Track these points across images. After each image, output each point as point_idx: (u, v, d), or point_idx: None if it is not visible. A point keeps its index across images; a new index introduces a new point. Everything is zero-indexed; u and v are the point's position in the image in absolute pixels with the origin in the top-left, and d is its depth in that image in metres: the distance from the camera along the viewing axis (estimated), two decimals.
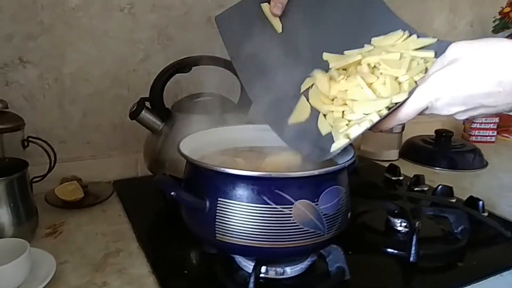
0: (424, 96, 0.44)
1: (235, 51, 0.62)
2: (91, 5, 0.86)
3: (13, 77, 0.82)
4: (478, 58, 0.41)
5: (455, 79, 0.42)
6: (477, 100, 0.42)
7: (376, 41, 0.59)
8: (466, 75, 0.41)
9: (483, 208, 0.76)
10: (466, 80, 0.41)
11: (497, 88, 0.40)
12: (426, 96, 0.44)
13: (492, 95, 0.41)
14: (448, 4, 1.33)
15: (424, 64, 0.52)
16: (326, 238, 0.51)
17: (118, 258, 0.62)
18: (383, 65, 0.53)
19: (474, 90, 0.41)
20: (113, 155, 0.94)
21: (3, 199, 0.62)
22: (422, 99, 0.45)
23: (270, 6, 0.62)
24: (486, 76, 0.40)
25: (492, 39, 0.42)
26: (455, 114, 0.45)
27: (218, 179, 0.50)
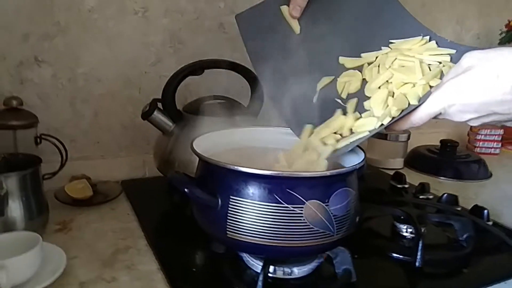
0: (438, 103, 0.46)
1: (253, 48, 0.64)
2: (106, 8, 0.88)
3: (28, 75, 0.84)
4: (492, 66, 0.42)
5: (468, 87, 0.43)
6: (490, 107, 0.43)
7: (394, 44, 0.60)
8: (480, 83, 0.42)
9: (487, 217, 0.76)
10: (480, 88, 0.42)
11: (510, 96, 0.41)
12: (440, 102, 0.46)
13: (505, 102, 0.42)
14: (455, 16, 1.35)
15: (439, 69, 0.53)
16: (335, 239, 0.52)
17: (127, 255, 0.63)
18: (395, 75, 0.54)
19: (487, 98, 0.42)
20: (121, 155, 0.95)
21: (15, 194, 0.63)
22: (436, 105, 0.46)
23: (289, 9, 0.64)
24: (499, 84, 0.41)
25: (506, 48, 0.43)
26: (468, 121, 0.46)
27: (231, 177, 0.51)
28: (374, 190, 0.91)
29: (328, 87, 0.62)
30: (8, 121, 0.74)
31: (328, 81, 0.62)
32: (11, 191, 0.62)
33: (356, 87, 0.60)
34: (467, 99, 0.43)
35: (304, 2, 0.63)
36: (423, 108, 0.47)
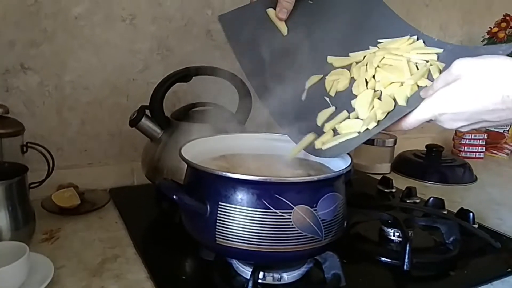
0: (429, 110, 0.47)
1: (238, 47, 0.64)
2: (93, 15, 0.87)
3: (14, 83, 0.83)
4: (482, 75, 0.42)
5: (459, 97, 0.44)
6: (480, 116, 0.44)
7: (382, 44, 0.61)
8: (471, 92, 0.43)
9: (473, 219, 0.78)
10: (471, 98, 0.43)
11: (501, 106, 0.42)
12: (431, 110, 0.47)
13: (495, 111, 0.43)
14: (438, 23, 1.38)
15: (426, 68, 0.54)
16: (323, 244, 0.53)
17: (115, 264, 0.63)
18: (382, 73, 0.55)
19: (478, 107, 0.43)
20: (109, 163, 0.95)
21: (1, 203, 0.62)
22: (427, 112, 0.47)
23: (276, 11, 0.64)
24: (490, 93, 0.42)
25: (495, 57, 0.43)
26: (458, 128, 0.47)
27: (219, 183, 0.51)
28: (361, 195, 0.92)
29: (316, 86, 0.63)
30: None
31: (316, 80, 0.63)
32: None
33: (345, 85, 0.60)
34: (459, 108, 0.44)
35: (291, 5, 0.64)
36: (414, 114, 0.48)
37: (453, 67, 0.45)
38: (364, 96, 0.56)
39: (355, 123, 0.54)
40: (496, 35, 1.32)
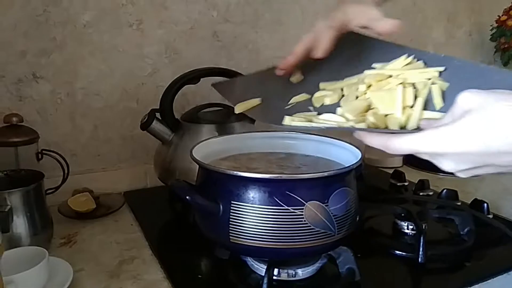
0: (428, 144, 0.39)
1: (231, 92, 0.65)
2: (101, 22, 0.89)
3: (27, 92, 0.85)
4: (490, 114, 0.37)
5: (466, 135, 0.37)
6: (486, 159, 0.38)
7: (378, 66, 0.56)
8: (480, 131, 0.37)
9: (488, 210, 0.77)
10: (478, 137, 0.37)
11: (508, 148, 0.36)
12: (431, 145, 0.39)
13: (507, 154, 0.37)
14: (446, 14, 1.37)
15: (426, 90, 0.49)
16: (336, 239, 0.53)
17: (132, 265, 0.64)
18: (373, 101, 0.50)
19: (487, 148, 0.37)
20: (122, 167, 0.96)
21: (20, 209, 0.63)
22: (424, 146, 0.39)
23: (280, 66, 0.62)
24: (500, 134, 0.36)
25: (506, 92, 0.38)
26: (459, 171, 0.40)
27: (231, 183, 0.52)
28: (374, 189, 0.92)
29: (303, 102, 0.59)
30: (9, 138, 0.74)
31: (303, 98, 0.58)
32: (15, 207, 0.62)
33: (332, 100, 0.55)
34: (465, 148, 0.37)
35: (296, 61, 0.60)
36: (407, 139, 0.40)
37: (460, 99, 0.39)
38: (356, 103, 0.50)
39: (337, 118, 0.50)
40: (505, 23, 1.31)
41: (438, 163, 0.40)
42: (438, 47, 1.37)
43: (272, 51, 1.08)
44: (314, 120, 0.50)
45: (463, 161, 0.39)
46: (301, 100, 0.58)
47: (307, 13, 1.11)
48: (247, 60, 1.05)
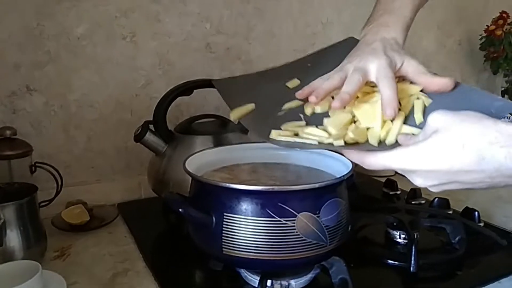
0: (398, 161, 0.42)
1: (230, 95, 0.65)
2: (95, 34, 0.89)
3: (20, 105, 0.85)
4: (457, 134, 0.39)
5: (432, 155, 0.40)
6: (453, 176, 0.40)
7: None
8: (444, 151, 0.39)
9: (479, 218, 0.78)
10: (444, 157, 0.39)
11: (476, 167, 0.38)
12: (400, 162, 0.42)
13: (469, 173, 0.39)
14: (436, 23, 1.39)
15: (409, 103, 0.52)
16: (328, 250, 0.54)
17: (126, 278, 0.64)
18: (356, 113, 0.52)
19: (452, 167, 0.39)
20: (116, 178, 0.96)
21: (13, 223, 0.63)
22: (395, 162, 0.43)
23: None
24: (465, 154, 0.38)
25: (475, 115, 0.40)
26: (428, 187, 0.43)
27: (223, 195, 0.52)
28: (367, 198, 0.93)
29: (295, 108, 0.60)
30: (3, 151, 0.75)
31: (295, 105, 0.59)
32: (8, 220, 0.62)
33: (323, 109, 0.56)
34: (429, 167, 0.40)
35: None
36: (381, 157, 0.44)
37: (430, 119, 0.41)
38: (340, 116, 0.52)
39: (320, 132, 0.51)
40: (494, 33, 1.33)
41: (410, 178, 0.44)
42: (429, 56, 1.39)
43: (264, 62, 1.09)
44: (300, 133, 0.52)
45: (431, 177, 0.42)
46: (293, 106, 0.59)
47: (298, 25, 1.12)
48: (240, 71, 1.06)
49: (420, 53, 1.36)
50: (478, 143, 0.38)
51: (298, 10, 1.12)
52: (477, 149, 0.38)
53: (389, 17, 0.59)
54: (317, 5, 1.14)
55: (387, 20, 0.58)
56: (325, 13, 1.16)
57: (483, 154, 0.37)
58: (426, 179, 0.42)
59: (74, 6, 0.87)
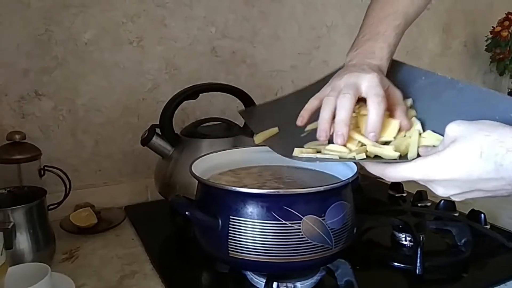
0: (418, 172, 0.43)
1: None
2: (102, 40, 0.91)
3: (29, 109, 0.87)
4: (475, 143, 0.39)
5: (451, 164, 0.41)
6: (474, 185, 0.41)
7: None
8: (462, 160, 0.40)
9: (485, 220, 0.78)
10: (462, 166, 0.40)
11: (495, 175, 0.39)
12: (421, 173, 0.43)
13: (489, 181, 0.40)
14: (441, 25, 1.39)
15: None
16: (334, 252, 0.54)
17: (134, 280, 0.65)
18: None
19: (471, 175, 0.40)
20: (124, 181, 0.97)
21: (23, 226, 0.64)
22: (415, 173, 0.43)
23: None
24: (483, 162, 0.39)
25: (492, 124, 0.41)
26: (451, 196, 0.44)
27: (229, 198, 0.53)
28: (373, 201, 0.93)
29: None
30: (12, 155, 0.76)
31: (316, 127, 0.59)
32: (18, 224, 0.63)
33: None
34: (449, 176, 0.41)
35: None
36: (402, 168, 0.44)
37: (448, 128, 0.42)
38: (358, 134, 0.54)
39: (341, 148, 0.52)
40: (500, 34, 1.32)
41: (431, 188, 0.44)
42: (434, 58, 1.39)
43: (269, 65, 1.10)
44: (322, 151, 0.53)
45: (452, 186, 0.42)
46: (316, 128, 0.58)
47: (303, 28, 1.13)
48: (245, 74, 1.07)
49: (425, 55, 1.36)
50: (495, 151, 0.38)
51: (302, 13, 1.12)
52: (495, 156, 0.38)
53: (374, 43, 0.59)
54: (321, 8, 1.15)
55: (372, 46, 0.59)
56: (330, 16, 1.16)
57: (501, 161, 0.38)
58: (447, 188, 0.43)
59: (81, 12, 0.88)
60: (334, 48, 1.18)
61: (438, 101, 0.55)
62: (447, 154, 0.41)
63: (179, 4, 0.97)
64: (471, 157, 0.39)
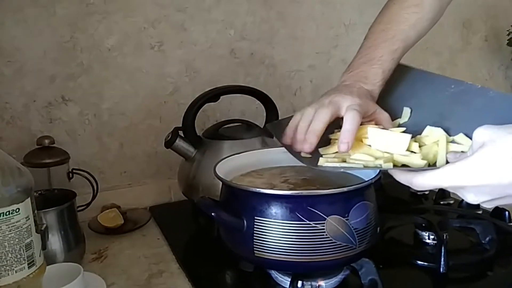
0: (447, 180, 0.42)
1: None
2: (124, 45, 0.93)
3: (56, 114, 0.90)
4: (504, 146, 0.38)
5: (480, 169, 0.40)
6: (504, 190, 0.40)
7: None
8: (492, 165, 0.39)
9: (509, 218, 0.77)
10: (492, 170, 0.39)
11: None
12: (449, 180, 0.42)
13: None
14: (462, 19, 1.37)
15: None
16: (357, 252, 0.55)
17: (161, 279, 0.67)
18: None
19: (502, 180, 0.39)
20: (147, 182, 0.99)
21: (54, 227, 0.67)
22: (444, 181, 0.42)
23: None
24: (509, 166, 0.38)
25: None
26: (482, 203, 0.43)
27: (254, 199, 0.54)
28: (394, 200, 0.93)
29: None
30: (42, 159, 0.79)
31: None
32: (50, 225, 0.66)
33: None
34: (481, 181, 0.40)
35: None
36: (430, 176, 0.43)
37: (475, 134, 0.41)
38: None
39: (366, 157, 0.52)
40: None
41: (461, 195, 0.43)
42: (455, 54, 1.37)
43: (288, 65, 1.10)
44: (347, 160, 0.53)
45: (482, 193, 0.41)
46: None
47: (321, 27, 1.13)
48: (264, 75, 1.08)
49: (446, 51, 1.35)
50: None
51: (320, 12, 1.12)
52: None
53: (369, 68, 0.60)
54: (339, 7, 1.15)
55: (366, 71, 0.60)
56: (348, 14, 1.16)
57: None
58: (477, 195, 0.42)
59: (104, 18, 0.91)
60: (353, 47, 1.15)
61: (469, 109, 0.55)
62: (476, 159, 0.40)
63: (198, 9, 0.98)
64: (501, 161, 0.38)
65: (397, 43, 0.61)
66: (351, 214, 0.53)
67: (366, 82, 0.59)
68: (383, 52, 0.61)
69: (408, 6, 0.63)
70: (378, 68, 0.60)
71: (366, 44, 0.63)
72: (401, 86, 0.65)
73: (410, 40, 0.63)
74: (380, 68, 0.60)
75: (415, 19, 0.62)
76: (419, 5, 0.63)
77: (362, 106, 0.55)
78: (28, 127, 0.88)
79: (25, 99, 0.87)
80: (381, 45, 0.61)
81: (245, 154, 0.71)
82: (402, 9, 0.63)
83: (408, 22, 0.62)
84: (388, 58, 0.60)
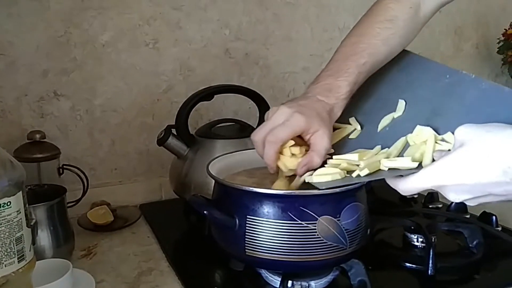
0: (428, 180, 0.43)
1: None
2: (119, 42, 0.93)
3: (48, 109, 0.89)
4: (483, 146, 0.39)
5: (460, 168, 0.40)
6: (484, 188, 0.40)
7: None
8: (471, 164, 0.39)
9: (496, 222, 0.78)
10: (471, 169, 0.39)
11: (504, 178, 0.38)
12: (430, 180, 0.43)
13: (500, 184, 0.38)
14: (453, 27, 1.39)
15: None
16: (348, 252, 0.55)
17: (151, 277, 0.66)
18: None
19: (479, 179, 0.39)
20: (138, 180, 0.99)
21: (43, 223, 0.66)
22: (426, 181, 0.43)
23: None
24: (491, 166, 0.38)
25: (497, 126, 0.40)
26: (464, 201, 0.43)
27: (246, 198, 0.54)
28: (384, 202, 0.93)
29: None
30: (33, 154, 0.78)
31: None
32: (39, 221, 0.65)
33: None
34: (459, 180, 0.40)
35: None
36: (412, 180, 0.44)
37: (456, 132, 0.42)
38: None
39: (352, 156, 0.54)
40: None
41: (443, 193, 0.44)
42: (446, 60, 1.39)
43: (282, 67, 1.11)
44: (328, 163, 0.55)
45: (462, 191, 0.41)
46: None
47: (316, 30, 1.14)
48: (257, 76, 1.08)
49: (437, 57, 1.36)
50: (502, 153, 0.37)
51: (315, 15, 1.13)
52: (502, 159, 0.37)
53: (334, 80, 0.58)
54: (334, 10, 1.15)
55: (331, 84, 0.58)
56: (342, 18, 1.17)
57: (509, 164, 0.37)
58: (458, 193, 0.42)
59: (99, 14, 0.90)
60: None
61: (462, 104, 0.55)
62: (454, 158, 0.40)
63: (194, 7, 0.99)
64: (478, 160, 0.39)
65: (366, 57, 0.59)
66: (342, 215, 0.53)
67: (328, 95, 0.58)
68: (350, 64, 0.59)
69: (381, 21, 0.61)
70: (344, 81, 0.58)
71: (335, 58, 0.62)
72: (397, 74, 0.64)
73: (381, 55, 0.61)
74: (345, 81, 0.58)
75: (387, 34, 0.61)
76: (392, 20, 0.61)
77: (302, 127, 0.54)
78: (19, 122, 0.87)
79: (17, 93, 0.87)
80: (350, 58, 0.60)
81: (238, 154, 0.71)
82: (375, 23, 0.61)
83: (380, 37, 0.60)
84: (355, 71, 0.59)
